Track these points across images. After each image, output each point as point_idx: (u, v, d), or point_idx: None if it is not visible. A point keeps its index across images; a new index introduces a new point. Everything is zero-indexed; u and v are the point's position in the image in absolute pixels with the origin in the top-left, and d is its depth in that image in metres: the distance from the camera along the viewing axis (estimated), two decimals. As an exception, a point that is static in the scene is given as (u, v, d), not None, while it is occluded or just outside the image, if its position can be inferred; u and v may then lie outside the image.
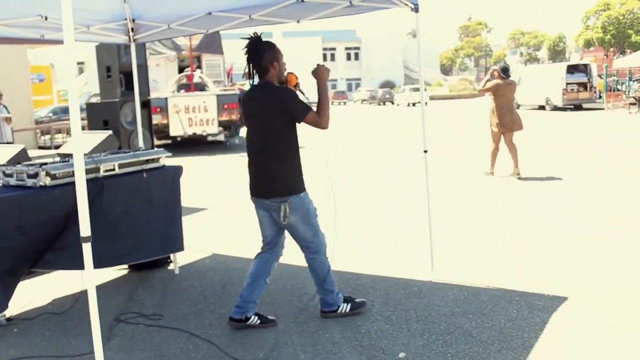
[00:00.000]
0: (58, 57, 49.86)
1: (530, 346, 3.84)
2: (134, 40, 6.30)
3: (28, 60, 22.10)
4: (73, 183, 4.69)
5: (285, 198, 4.18)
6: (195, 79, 18.51)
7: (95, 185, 4.81)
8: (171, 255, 5.82)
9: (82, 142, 6.54)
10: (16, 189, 4.62)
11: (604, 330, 4.04)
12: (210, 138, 17.91)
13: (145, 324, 4.49)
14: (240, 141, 19.43)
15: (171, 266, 5.85)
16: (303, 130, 4.32)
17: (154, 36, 6.34)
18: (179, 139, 17.24)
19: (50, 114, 26.28)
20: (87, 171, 4.84)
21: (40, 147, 20.18)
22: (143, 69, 9.36)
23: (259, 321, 4.35)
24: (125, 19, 6.00)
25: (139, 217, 5.18)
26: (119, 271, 5.78)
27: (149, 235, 5.23)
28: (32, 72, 26.98)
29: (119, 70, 8.67)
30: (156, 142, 17.99)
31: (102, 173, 4.93)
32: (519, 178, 10.18)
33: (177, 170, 5.58)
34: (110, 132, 7.10)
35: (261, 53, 4.18)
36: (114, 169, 5.06)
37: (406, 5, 4.83)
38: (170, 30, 6.03)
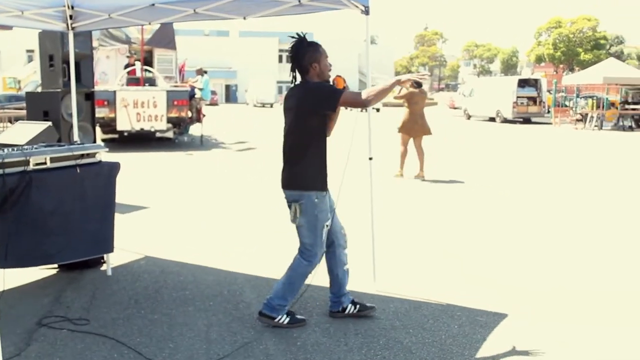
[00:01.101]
0: (4, 43, 48.57)
1: (470, 364, 3.73)
2: (73, 28, 6.01)
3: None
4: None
5: (299, 195, 4.11)
6: (138, 73, 18.04)
7: (23, 179, 4.52)
8: (105, 256, 5.54)
9: (20, 131, 6.24)
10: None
11: (546, 348, 3.95)
12: (158, 134, 17.49)
13: (70, 328, 4.23)
14: (190, 139, 19.08)
15: (104, 267, 5.57)
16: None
17: (94, 25, 6.07)
18: (126, 133, 16.77)
19: (-6, 102, 25.40)
20: (15, 164, 4.56)
21: (-20, 136, 19.39)
22: (88, 59, 8.95)
23: (355, 309, 4.41)
24: (64, 6, 5.71)
25: (70, 214, 4.91)
26: (47, 270, 5.48)
27: (79, 234, 4.96)
28: (-24, 58, 26.10)
29: (62, 60, 8.27)
30: (103, 136, 17.52)
31: (31, 166, 4.64)
32: (422, 180, 11.12)
33: (114, 167, 5.30)
34: (49, 123, 6.79)
35: (302, 54, 4.13)
36: (45, 163, 4.77)
37: (356, 7, 4.69)
38: (111, 20, 5.77)
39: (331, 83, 4.22)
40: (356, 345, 3.97)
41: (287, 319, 4.27)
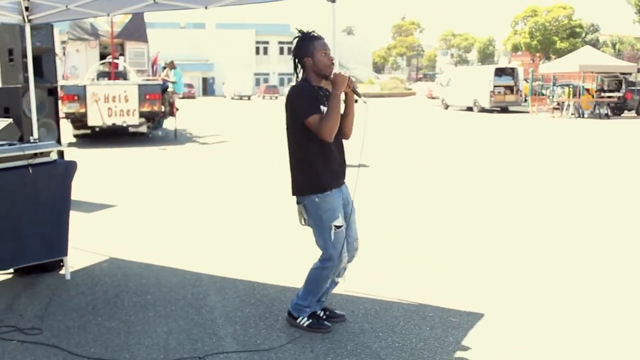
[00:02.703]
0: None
1: (442, 369, 3.56)
2: (29, 20, 5.74)
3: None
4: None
5: (301, 198, 3.97)
6: (120, 67, 17.70)
7: (-31, 181, 4.27)
8: (63, 259, 5.28)
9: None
10: None
11: (523, 351, 3.79)
12: (132, 129, 17.17)
13: (20, 339, 3.98)
14: (164, 133, 18.77)
15: (63, 270, 5.30)
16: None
17: (51, 17, 5.80)
18: (97, 129, 16.44)
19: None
20: (-38, 165, 4.32)
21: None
22: (50, 53, 8.68)
23: (324, 314, 4.20)
24: (19, -3, 5.44)
25: (22, 217, 4.66)
26: (2, 275, 5.21)
27: (32, 238, 4.72)
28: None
29: (22, 54, 7.97)
30: (75, 132, 17.19)
31: (-21, 167, 4.39)
32: None
33: (70, 167, 5.03)
34: (10, 120, 6.52)
35: (297, 48, 3.99)
36: (-6, 163, 4.52)
37: (322, -6, 4.49)
38: (69, 11, 5.51)
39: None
40: (322, 351, 3.77)
41: (308, 322, 4.07)
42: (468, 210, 7.85)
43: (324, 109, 3.87)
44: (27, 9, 5.73)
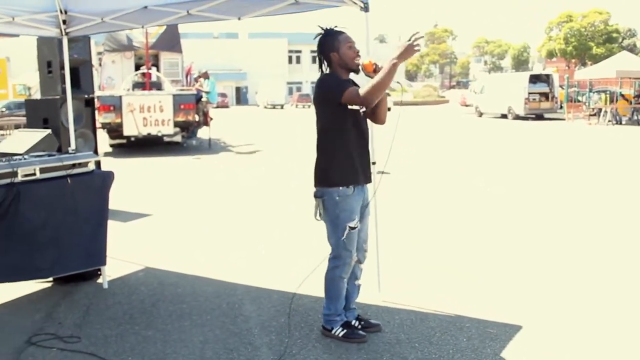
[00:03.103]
0: (14, 50, 48.77)
1: (479, 381, 3.51)
2: (66, 33, 5.85)
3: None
4: (-14, 188, 4.29)
5: (321, 192, 3.95)
6: (153, 77, 17.94)
7: (10, 192, 4.35)
8: (100, 268, 5.35)
9: (19, 140, 6.08)
10: None
11: (559, 363, 3.72)
12: (166, 139, 17.38)
13: (60, 347, 4.04)
14: (198, 142, 18.93)
15: (100, 279, 5.37)
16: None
17: (88, 30, 5.90)
18: (133, 139, 16.67)
19: (4, 109, 25.45)
20: (3, 175, 4.40)
21: (-12, 144, 19.35)
22: (87, 65, 8.82)
23: (359, 324, 4.20)
24: (56, 11, 5.54)
25: (62, 227, 4.73)
26: (41, 284, 5.30)
27: (71, 247, 4.79)
28: (-15, 65, 26.13)
29: (60, 66, 8.12)
30: (111, 141, 17.45)
31: (19, 178, 4.46)
32: None
33: (108, 177, 5.10)
34: (49, 131, 6.63)
35: (322, 45, 4.00)
36: (34, 174, 4.60)
37: (355, 4, 4.48)
38: (104, 24, 5.60)
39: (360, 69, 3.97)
40: (358, 362, 3.76)
41: (343, 332, 4.06)
42: (495, 218, 7.75)
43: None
44: (64, 22, 5.83)
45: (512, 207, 8.58)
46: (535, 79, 31.44)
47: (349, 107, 3.87)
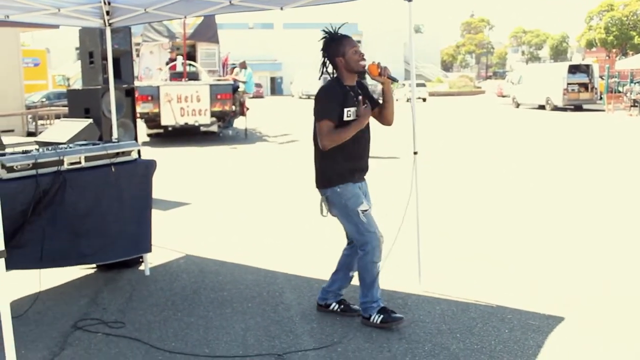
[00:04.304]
0: (54, 41, 49.56)
1: (522, 373, 3.49)
2: (110, 24, 5.92)
3: (20, 44, 21.63)
4: (33, 176, 4.37)
5: (323, 191, 4.09)
6: (179, 68, 18.05)
7: (57, 179, 4.43)
8: (143, 255, 5.43)
9: (61, 129, 6.19)
10: (-29, 180, 4.25)
11: (604, 358, 3.67)
12: (203, 128, 17.53)
13: (105, 332, 4.12)
14: (234, 132, 19.04)
15: (142, 266, 5.45)
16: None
17: (130, 20, 5.96)
18: (170, 128, 16.84)
19: (44, 99, 25.88)
20: (49, 164, 4.48)
21: (30, 134, 19.75)
22: (128, 55, 8.93)
23: (339, 308, 4.33)
24: (100, 2, 5.62)
25: (106, 214, 4.81)
26: (85, 270, 5.41)
27: (115, 234, 4.87)
28: (27, 56, 26.55)
29: (102, 56, 8.24)
30: (148, 131, 17.66)
31: (65, 166, 4.55)
32: None
33: (150, 165, 5.18)
34: (90, 120, 6.74)
35: (327, 49, 4.08)
36: (79, 162, 4.68)
37: (398, -7, 4.45)
38: (147, 14, 5.65)
39: (366, 70, 4.07)
40: (400, 351, 3.75)
41: (379, 318, 4.09)
42: (529, 208, 7.65)
43: (351, 109, 3.98)
44: (107, 13, 5.90)
45: (546, 197, 8.47)
46: (574, 69, 30.90)
47: (344, 119, 3.96)
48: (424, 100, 42.06)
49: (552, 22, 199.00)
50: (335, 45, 4.04)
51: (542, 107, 31.40)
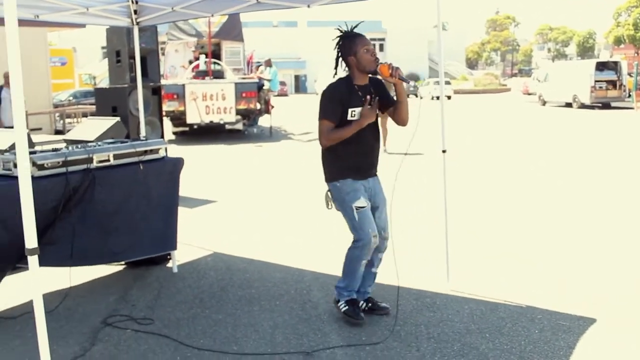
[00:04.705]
0: (80, 40, 50.06)
1: (553, 374, 3.44)
2: (137, 23, 5.96)
3: (48, 43, 21.90)
4: (63, 174, 4.42)
5: (328, 184, 4.18)
6: (202, 67, 18.13)
7: (86, 177, 4.47)
8: (170, 252, 5.46)
9: (89, 127, 6.25)
10: (2, 178, 4.30)
11: (637, 358, 3.62)
12: (228, 127, 17.60)
13: (134, 328, 4.15)
14: (259, 130, 19.09)
15: (170, 264, 5.49)
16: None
17: (158, 19, 6.00)
18: (195, 126, 16.93)
19: (71, 98, 26.17)
20: (79, 162, 4.51)
21: (58, 132, 19.99)
22: (154, 54, 9.02)
23: (367, 306, 4.29)
24: (128, 1, 5.66)
25: (134, 212, 4.85)
26: (114, 267, 5.45)
27: (143, 232, 4.91)
28: (54, 55, 26.87)
29: (129, 55, 8.32)
30: (173, 129, 17.76)
31: (94, 164, 4.58)
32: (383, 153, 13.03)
33: (178, 163, 5.21)
34: (117, 119, 6.79)
35: (340, 48, 4.10)
36: (108, 160, 4.71)
37: (427, -10, 4.42)
38: (174, 13, 5.69)
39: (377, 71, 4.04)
40: (429, 350, 3.73)
41: (345, 308, 4.16)
42: (555, 206, 7.56)
43: (356, 110, 3.99)
44: (135, 12, 5.94)
45: (574, 195, 8.36)
46: (602, 66, 30.50)
47: (349, 118, 3.99)
48: (449, 98, 41.83)
49: (579, 18, 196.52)
50: (348, 43, 4.04)
51: (569, 105, 31.07)
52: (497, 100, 40.65)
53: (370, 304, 4.33)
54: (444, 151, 4.76)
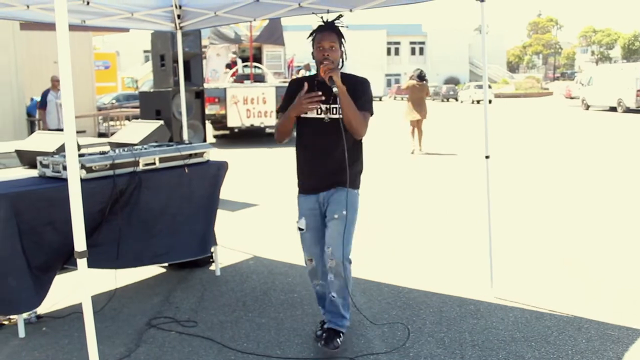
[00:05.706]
0: (123, 44, 50.91)
1: (602, 384, 3.37)
2: (180, 27, 6.03)
3: (92, 48, 22.33)
4: (110, 176, 4.49)
5: None
6: (240, 71, 18.26)
7: (133, 180, 4.54)
8: (213, 255, 5.52)
9: (133, 130, 6.35)
10: (51, 180, 4.40)
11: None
12: (269, 130, 17.70)
13: (178, 330, 4.19)
14: (299, 134, 19.10)
15: (212, 267, 5.54)
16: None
17: (201, 24, 6.06)
18: (236, 130, 17.08)
19: (114, 101, 26.65)
20: (125, 164, 4.59)
21: (101, 135, 20.34)
22: (197, 58, 9.13)
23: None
24: (172, 6, 5.73)
25: (177, 215, 4.91)
26: (158, 269, 5.53)
27: (186, 235, 4.96)
28: (98, 59, 27.37)
29: (173, 59, 8.44)
30: (214, 132, 17.94)
31: (141, 167, 4.65)
32: (419, 152, 13.47)
33: (222, 167, 5.26)
34: (161, 122, 6.89)
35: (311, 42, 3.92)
36: (154, 163, 4.78)
37: (471, -6, 4.39)
38: (217, 17, 5.75)
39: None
40: (473, 358, 3.68)
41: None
42: (620, 217, 7.41)
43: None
44: (178, 16, 6.01)
45: (621, 202, 8.18)
46: (648, 69, 29.85)
47: (303, 116, 3.84)
48: (490, 102, 41.37)
49: (624, 20, 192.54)
50: (312, 36, 3.82)
51: (613, 109, 30.48)
52: (538, 104, 40.08)
53: (323, 333, 3.84)
54: (487, 157, 4.70)
